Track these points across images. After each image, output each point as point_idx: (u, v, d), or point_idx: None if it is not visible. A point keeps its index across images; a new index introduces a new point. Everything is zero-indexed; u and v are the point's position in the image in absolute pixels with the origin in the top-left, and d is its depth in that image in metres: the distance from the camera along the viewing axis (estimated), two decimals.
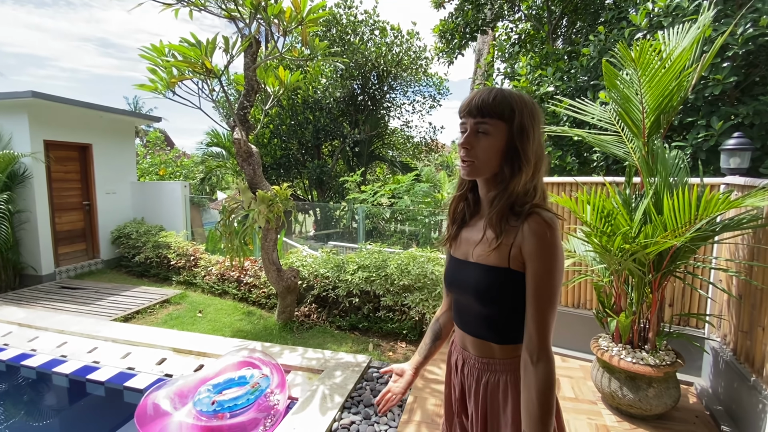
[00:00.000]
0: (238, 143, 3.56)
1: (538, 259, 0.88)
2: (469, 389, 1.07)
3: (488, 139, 0.92)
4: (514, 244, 0.92)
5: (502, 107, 0.90)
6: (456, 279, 1.05)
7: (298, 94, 9.67)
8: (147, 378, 2.95)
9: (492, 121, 0.91)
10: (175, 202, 6.76)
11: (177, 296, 4.86)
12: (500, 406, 1.00)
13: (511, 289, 0.93)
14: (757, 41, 3.18)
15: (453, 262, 1.08)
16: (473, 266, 0.99)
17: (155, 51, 3.29)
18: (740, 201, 1.83)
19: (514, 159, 0.92)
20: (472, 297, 0.99)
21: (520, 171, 0.92)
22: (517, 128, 0.91)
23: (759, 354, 2.11)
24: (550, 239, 0.88)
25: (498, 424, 1.00)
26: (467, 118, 0.94)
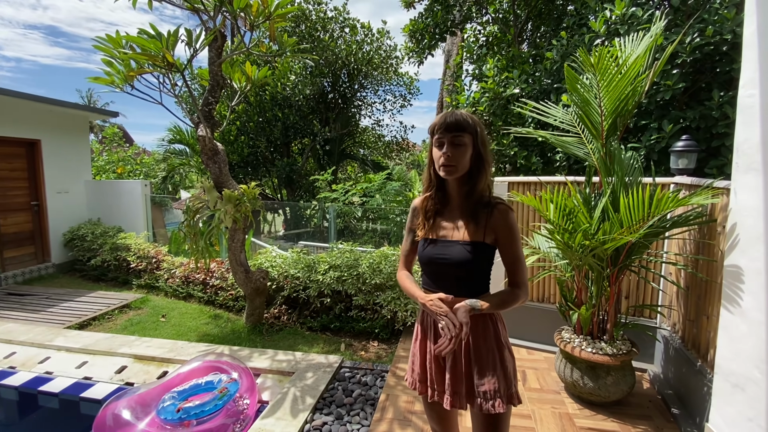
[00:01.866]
0: (203, 140, 3.44)
1: (510, 232, 1.30)
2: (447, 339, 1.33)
3: (463, 148, 1.27)
4: (488, 225, 1.30)
5: (470, 124, 1.27)
6: (440, 255, 1.34)
7: (266, 90, 9.44)
8: (106, 388, 2.80)
9: (465, 134, 1.27)
10: (134, 202, 6.43)
11: (138, 301, 4.63)
12: (480, 337, 1.33)
13: (484, 257, 1.31)
14: (704, 50, 3.42)
15: (433, 243, 1.37)
16: (456, 243, 1.32)
17: (111, 42, 3.10)
18: (687, 199, 1.96)
19: (479, 162, 1.30)
20: (457, 265, 1.30)
21: (484, 170, 1.31)
22: (480, 139, 1.29)
23: (704, 341, 2.28)
24: (514, 220, 1.32)
25: (480, 352, 1.32)
26: (444, 134, 1.27)
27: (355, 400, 2.61)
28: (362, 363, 3.11)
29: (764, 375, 1.61)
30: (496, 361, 1.31)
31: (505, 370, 1.32)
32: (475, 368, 1.31)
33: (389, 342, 3.56)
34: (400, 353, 3.27)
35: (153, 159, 11.58)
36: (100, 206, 6.54)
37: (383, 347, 3.48)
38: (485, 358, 1.31)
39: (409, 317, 3.47)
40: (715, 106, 3.34)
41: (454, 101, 6.22)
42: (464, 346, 1.33)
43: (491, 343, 1.33)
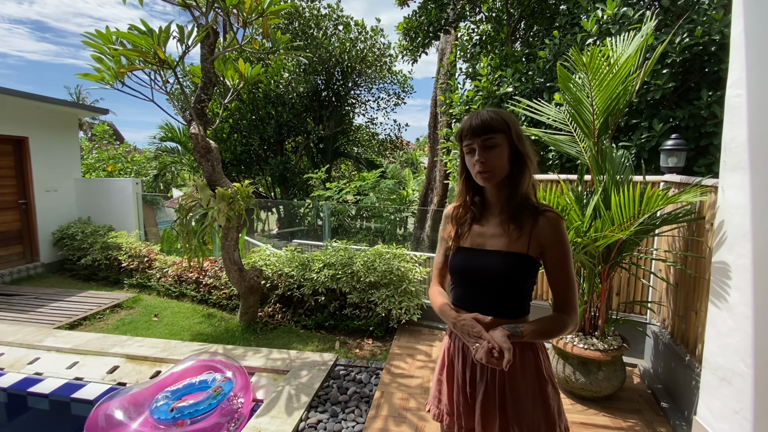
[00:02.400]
0: (196, 138, 3.41)
1: (557, 246, 1.12)
2: (482, 370, 1.17)
3: (498, 150, 1.11)
4: (533, 235, 1.12)
5: (500, 122, 1.10)
6: (476, 265, 1.18)
7: (259, 88, 9.38)
8: (97, 388, 2.77)
9: (496, 135, 1.10)
10: (125, 200, 6.35)
11: (129, 300, 4.58)
12: (518, 371, 1.14)
13: (527, 271, 1.14)
14: (693, 50, 3.47)
15: (467, 252, 1.21)
16: (493, 253, 1.15)
17: (101, 38, 3.06)
18: (676, 197, 2.00)
19: (519, 160, 1.13)
20: (494, 279, 1.14)
21: (526, 167, 1.13)
22: (515, 135, 1.12)
23: (692, 336, 2.32)
24: (564, 231, 1.13)
25: (517, 387, 1.14)
26: (472, 138, 1.12)
27: (350, 397, 2.61)
28: (357, 361, 3.12)
29: (750, 369, 1.65)
30: (536, 398, 1.13)
31: (547, 409, 1.13)
32: (510, 406, 1.13)
33: (384, 340, 3.58)
34: (394, 351, 3.28)
35: (144, 157, 11.44)
36: (90, 205, 6.46)
37: (378, 345, 3.49)
38: (523, 395, 1.13)
39: (404, 315, 3.49)
40: (703, 106, 3.39)
41: (448, 100, 6.23)
42: (498, 379, 1.14)
43: (531, 376, 1.14)
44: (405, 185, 11.13)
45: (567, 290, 1.13)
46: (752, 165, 1.67)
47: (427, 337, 3.56)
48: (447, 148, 6.05)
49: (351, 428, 2.30)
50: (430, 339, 3.52)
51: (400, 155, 17.11)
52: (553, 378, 1.18)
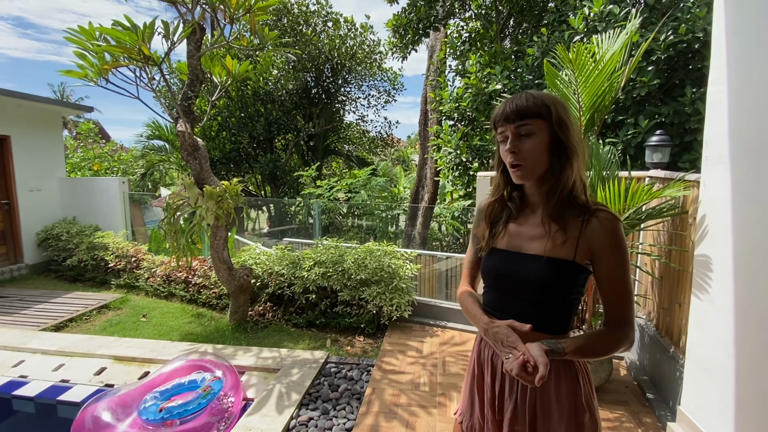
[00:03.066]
0: (183, 136, 3.37)
1: (613, 253, 0.93)
2: (511, 384, 1.04)
3: (533, 139, 0.95)
4: (581, 239, 0.95)
5: (538, 106, 0.94)
6: (510, 270, 1.03)
7: (248, 85, 9.29)
8: (84, 390, 2.72)
9: (532, 121, 0.94)
10: (111, 200, 6.24)
11: (117, 301, 4.52)
12: (552, 394, 1.00)
13: (571, 280, 0.97)
14: (677, 47, 3.53)
15: (501, 255, 1.07)
16: (532, 258, 1.00)
17: (84, 34, 3.00)
18: (660, 192, 2.03)
19: (561, 151, 0.96)
20: (531, 287, 0.99)
21: (569, 161, 0.96)
22: (556, 122, 0.94)
23: (676, 328, 2.37)
24: (621, 235, 0.94)
25: (550, 412, 1.00)
26: (505, 125, 0.97)
27: (341, 394, 2.62)
28: (348, 358, 3.12)
29: (732, 359, 1.69)
30: (571, 428, 0.98)
31: None
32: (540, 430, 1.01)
33: (375, 337, 3.58)
34: (386, 347, 3.29)
35: (131, 155, 11.26)
36: (76, 204, 6.33)
37: (369, 342, 3.49)
38: (556, 422, 0.99)
39: (395, 311, 3.49)
40: (687, 102, 3.46)
41: (438, 97, 6.25)
42: (529, 398, 1.00)
43: (566, 402, 0.99)
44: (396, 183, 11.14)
45: (624, 304, 0.94)
46: (733, 159, 1.70)
47: (419, 334, 3.57)
48: (437, 145, 6.07)
49: (342, 425, 2.30)
50: (422, 335, 3.54)
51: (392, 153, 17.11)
52: (594, 407, 1.01)
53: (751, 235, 1.59)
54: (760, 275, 1.53)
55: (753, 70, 1.61)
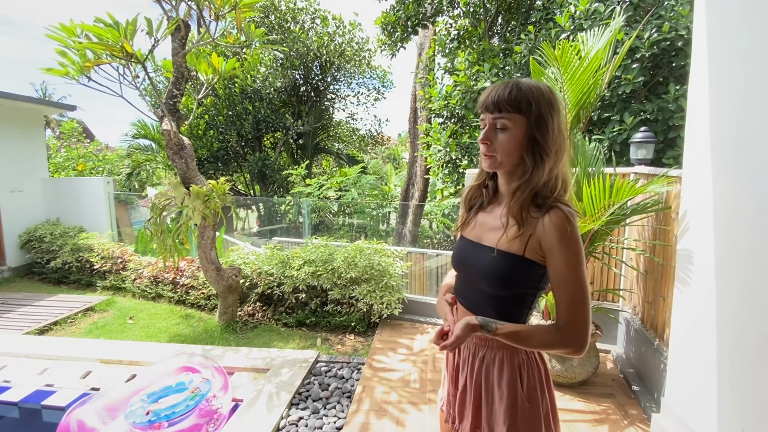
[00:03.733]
0: (168, 135, 3.31)
1: (560, 252, 0.92)
2: (464, 362, 1.11)
3: (507, 134, 0.95)
4: (533, 235, 0.94)
5: (519, 100, 0.93)
6: (466, 258, 1.07)
7: (235, 83, 9.18)
8: (70, 394, 2.67)
9: (509, 115, 0.94)
10: (96, 200, 6.13)
11: (103, 303, 4.44)
12: (495, 380, 1.04)
13: (521, 275, 0.97)
14: (661, 45, 3.58)
15: (464, 243, 1.10)
16: (486, 249, 1.02)
17: (65, 31, 2.93)
18: (644, 187, 2.07)
19: (535, 150, 0.95)
20: (482, 277, 1.01)
21: (542, 161, 0.95)
22: (535, 120, 0.93)
23: (660, 321, 2.42)
24: (570, 233, 0.91)
25: (493, 396, 1.04)
26: (485, 113, 0.97)
27: (331, 393, 2.61)
28: (339, 356, 3.12)
29: (713, 350, 1.72)
30: (507, 415, 1.00)
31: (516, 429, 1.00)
32: (484, 412, 1.05)
33: (366, 335, 3.58)
34: (376, 345, 3.30)
35: (116, 155, 11.06)
36: (59, 205, 6.20)
37: (360, 340, 3.49)
38: (498, 407, 1.03)
39: (385, 309, 3.50)
40: (671, 99, 3.51)
41: (427, 95, 6.25)
42: (476, 377, 1.06)
43: (506, 392, 1.01)
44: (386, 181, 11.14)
45: (568, 306, 0.92)
46: (713, 155, 1.74)
47: (409, 331, 3.58)
48: (427, 143, 6.07)
49: (332, 424, 2.30)
50: (412, 333, 3.55)
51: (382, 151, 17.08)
52: (538, 401, 1.02)
53: (731, 230, 1.63)
54: (740, 268, 1.57)
55: (732, 68, 1.64)
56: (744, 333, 1.53)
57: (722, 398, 1.66)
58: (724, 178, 1.68)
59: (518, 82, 0.94)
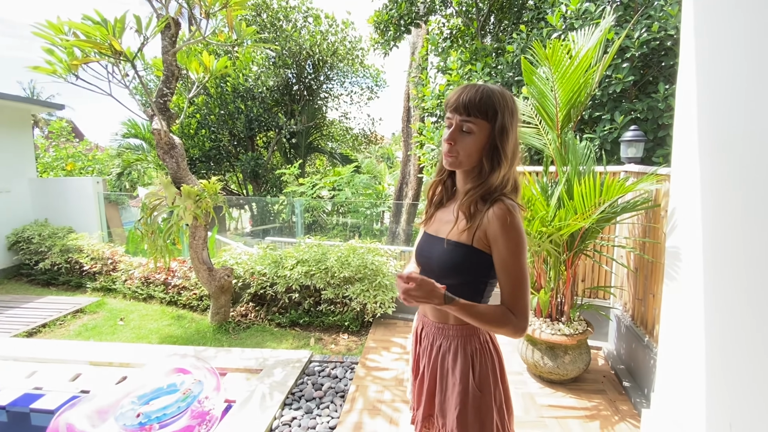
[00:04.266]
0: (158, 134, 3.28)
1: (502, 241, 0.99)
2: (423, 351, 1.19)
3: (471, 137, 1.00)
4: (479, 227, 1.02)
5: (486, 108, 0.98)
6: (425, 251, 1.15)
7: (227, 81, 9.10)
8: (59, 397, 2.63)
9: (476, 120, 0.99)
10: (86, 200, 6.04)
11: (93, 304, 4.38)
12: (449, 367, 1.10)
13: (469, 264, 1.04)
14: (650, 45, 3.62)
15: (424, 237, 1.18)
16: (440, 241, 1.09)
17: (52, 28, 2.88)
18: (634, 185, 2.09)
19: (494, 156, 1.02)
20: (436, 267, 1.09)
21: (499, 166, 1.01)
22: (498, 128, 1.00)
23: (650, 317, 2.45)
24: (510, 223, 0.98)
25: (446, 383, 1.11)
26: (454, 114, 1.01)
27: (324, 393, 2.61)
28: (332, 356, 3.11)
29: (702, 345, 1.75)
30: (458, 401, 1.06)
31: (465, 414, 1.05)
32: (437, 398, 1.13)
33: (359, 334, 3.58)
34: (370, 344, 3.30)
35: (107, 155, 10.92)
36: (48, 206, 6.11)
37: (353, 339, 3.49)
38: (450, 393, 1.09)
39: (379, 308, 3.50)
40: (661, 99, 3.55)
41: (420, 94, 6.25)
42: (432, 367, 1.14)
43: (458, 379, 1.07)
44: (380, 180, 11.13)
45: (511, 290, 1.00)
46: (701, 153, 1.76)
47: (402, 330, 3.59)
48: (420, 142, 6.08)
49: (326, 423, 2.29)
50: (405, 331, 3.56)
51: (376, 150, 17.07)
52: (490, 389, 1.07)
53: (718, 227, 1.65)
54: (727, 265, 1.59)
55: (720, 67, 1.66)
56: (731, 328, 1.55)
57: (710, 393, 1.68)
58: (711, 176, 1.70)
59: (488, 89, 1.00)
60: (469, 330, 1.10)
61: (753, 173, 1.42)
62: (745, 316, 1.45)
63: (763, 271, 1.35)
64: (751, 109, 1.45)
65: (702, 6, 1.77)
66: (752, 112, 1.44)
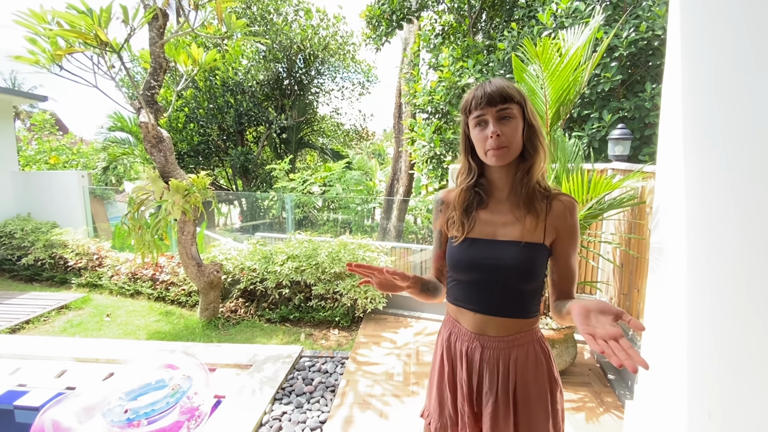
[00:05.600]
0: (146, 127, 3.22)
1: (573, 232, 1.01)
2: (492, 373, 1.05)
3: (513, 122, 0.98)
4: (548, 222, 1.00)
5: (514, 92, 0.98)
6: (485, 257, 1.03)
7: (216, 75, 8.97)
8: (44, 394, 2.59)
9: (512, 104, 0.97)
10: (70, 195, 5.92)
11: (78, 300, 4.31)
12: (531, 377, 1.03)
13: (543, 262, 1.02)
14: (638, 44, 3.68)
15: (473, 243, 1.05)
16: (508, 244, 1.01)
17: (35, 17, 2.80)
18: (620, 182, 2.13)
19: (532, 137, 1.00)
20: (510, 273, 1.00)
21: (541, 146, 1.01)
22: (530, 109, 1.00)
23: (635, 311, 2.51)
24: (577, 215, 1.03)
25: (529, 397, 1.03)
26: (486, 108, 0.97)
27: (315, 388, 2.61)
28: (322, 351, 3.12)
29: (684, 338, 1.80)
30: (548, 406, 1.03)
31: (555, 415, 1.04)
32: (521, 414, 1.03)
33: (350, 329, 3.59)
34: (360, 339, 3.31)
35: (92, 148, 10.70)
36: (31, 200, 5.97)
37: (344, 335, 3.50)
38: (535, 402, 1.03)
39: (369, 304, 3.51)
40: (647, 98, 3.62)
41: (411, 90, 6.25)
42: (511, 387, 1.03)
43: (544, 381, 1.03)
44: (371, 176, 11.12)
45: (574, 282, 1.03)
46: (685, 152, 1.80)
47: (393, 325, 3.61)
48: (412, 138, 6.09)
49: (316, 418, 2.30)
50: (396, 326, 3.58)
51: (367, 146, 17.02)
52: (559, 380, 1.08)
53: (701, 223, 1.70)
54: (710, 261, 1.64)
55: (705, 66, 1.69)
56: (711, 322, 1.60)
57: (691, 383, 1.74)
58: (696, 172, 1.74)
59: (501, 79, 1.00)
60: (538, 330, 1.08)
61: (735, 171, 1.46)
62: (725, 310, 1.50)
63: (743, 266, 1.40)
64: (734, 107, 1.49)
65: (688, 5, 1.80)
66: (735, 111, 1.48)
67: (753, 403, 1.35)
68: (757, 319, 1.35)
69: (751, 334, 1.37)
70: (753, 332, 1.36)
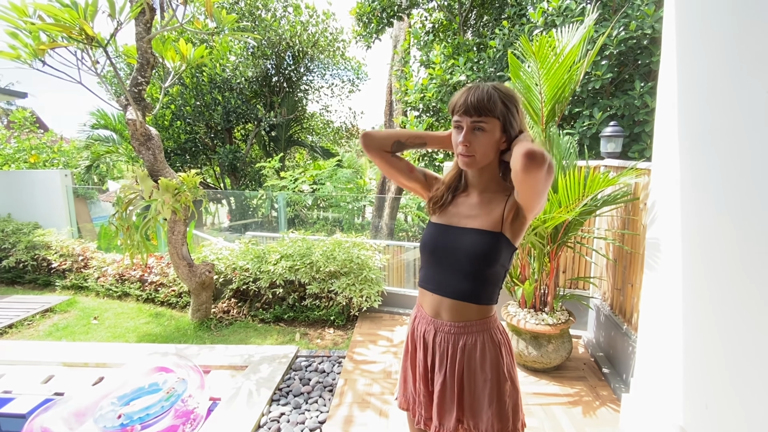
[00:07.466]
0: (134, 125, 3.14)
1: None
2: (442, 356, 1.13)
3: (485, 135, 1.03)
4: (506, 209, 1.07)
5: (495, 104, 1.01)
6: (445, 242, 1.12)
7: (203, 71, 8.80)
8: (31, 400, 2.51)
9: (487, 119, 1.02)
10: (53, 195, 5.74)
11: (63, 303, 4.18)
12: (478, 364, 1.10)
13: (499, 250, 1.07)
14: (628, 43, 3.73)
15: (438, 228, 1.16)
16: (467, 231, 1.10)
17: (15, 10, 2.69)
18: (616, 179, 2.15)
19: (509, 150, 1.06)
20: (464, 256, 1.08)
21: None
22: (508, 124, 1.04)
23: (629, 306, 2.54)
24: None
25: (475, 382, 1.10)
26: (463, 116, 1.04)
27: (312, 388, 2.59)
28: (319, 351, 3.09)
29: (680, 331, 1.83)
30: (492, 395, 1.08)
31: (502, 406, 1.08)
32: (467, 399, 1.10)
33: (345, 328, 3.57)
34: (356, 338, 3.29)
35: (74, 146, 10.39)
36: (10, 200, 5.76)
37: (339, 333, 3.47)
38: (481, 391, 1.09)
39: (365, 302, 3.49)
40: (637, 96, 3.67)
41: (403, 87, 6.23)
42: (458, 370, 1.10)
43: (489, 373, 1.09)
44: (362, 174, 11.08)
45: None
46: (681, 148, 1.83)
47: (389, 323, 3.60)
48: None
49: (315, 418, 2.28)
50: (391, 324, 3.57)
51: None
52: (514, 377, 1.13)
53: (696, 218, 1.72)
54: (705, 255, 1.67)
55: (700, 63, 1.72)
56: (706, 315, 1.63)
57: (687, 376, 1.77)
58: (691, 169, 1.77)
59: (492, 87, 1.03)
60: (492, 322, 1.12)
61: (730, 167, 1.49)
62: (721, 304, 1.53)
63: (737, 260, 1.42)
64: (727, 106, 1.51)
65: (684, 5, 1.83)
66: (730, 109, 1.50)
67: (750, 394, 1.37)
68: (751, 312, 1.38)
69: (746, 327, 1.40)
70: (748, 325, 1.39)
